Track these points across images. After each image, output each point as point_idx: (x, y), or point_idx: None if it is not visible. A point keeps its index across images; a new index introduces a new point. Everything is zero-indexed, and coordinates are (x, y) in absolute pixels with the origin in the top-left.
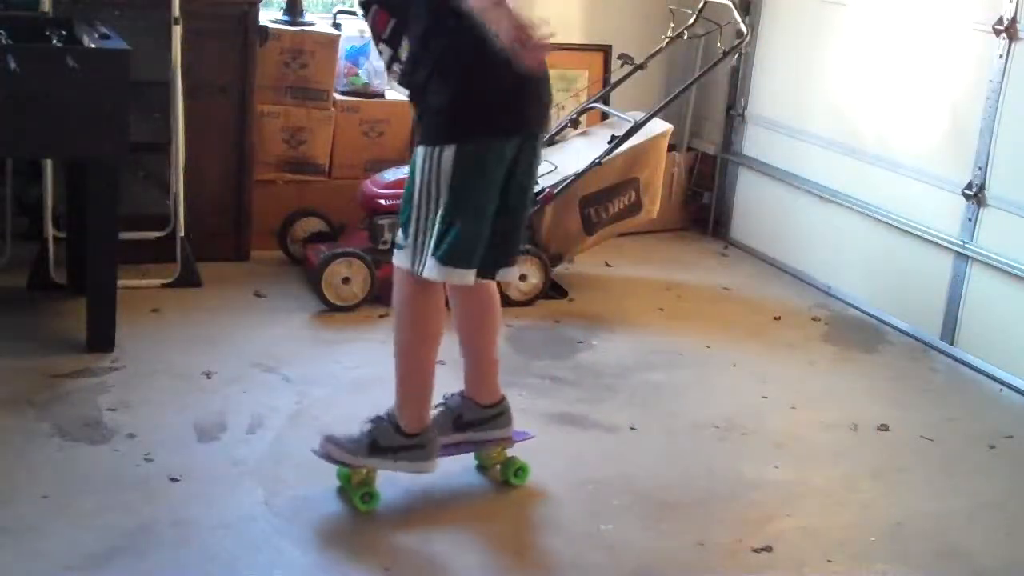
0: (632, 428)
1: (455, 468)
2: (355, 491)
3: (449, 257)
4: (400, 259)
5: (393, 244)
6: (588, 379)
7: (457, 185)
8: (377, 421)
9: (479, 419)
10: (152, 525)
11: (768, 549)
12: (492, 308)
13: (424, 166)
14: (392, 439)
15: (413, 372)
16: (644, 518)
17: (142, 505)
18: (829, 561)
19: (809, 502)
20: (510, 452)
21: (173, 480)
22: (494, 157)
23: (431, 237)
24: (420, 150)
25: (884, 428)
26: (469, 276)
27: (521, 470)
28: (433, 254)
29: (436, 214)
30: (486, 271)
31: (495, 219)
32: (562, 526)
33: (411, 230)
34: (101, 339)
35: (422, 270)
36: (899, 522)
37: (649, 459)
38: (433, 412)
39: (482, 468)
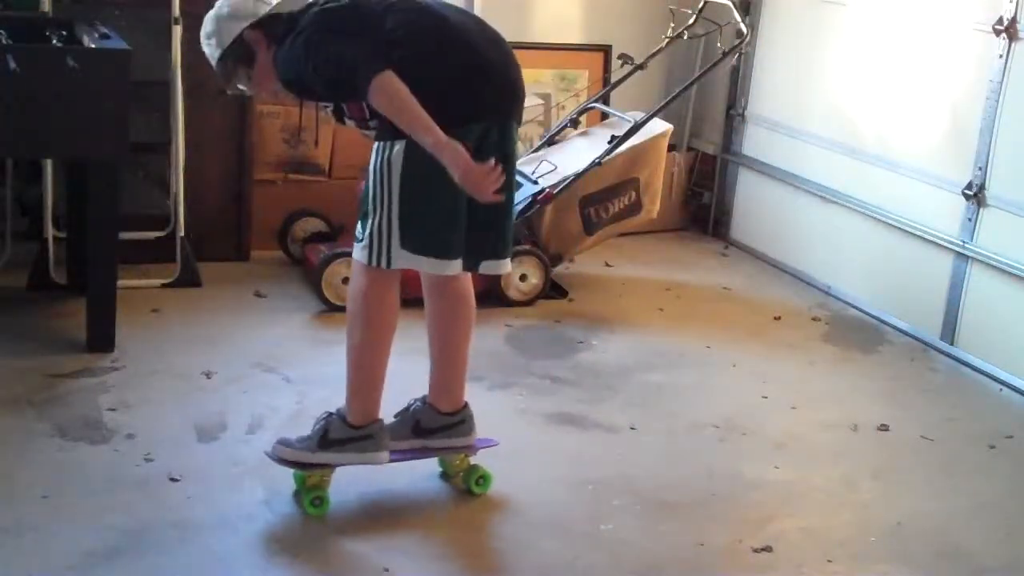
0: (632, 428)
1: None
2: (306, 494)
3: (422, 246)
4: (357, 253)
5: None
6: (588, 379)
7: (409, 179)
8: (328, 416)
9: (438, 427)
10: (152, 525)
11: (768, 549)
12: (464, 306)
13: (377, 161)
14: (342, 431)
15: (363, 365)
16: (644, 518)
17: (142, 505)
18: (829, 561)
19: (809, 502)
20: (474, 460)
21: (173, 480)
22: None
23: (392, 231)
24: (374, 146)
25: (884, 428)
26: (453, 266)
27: (483, 479)
28: (403, 246)
29: (391, 209)
30: (466, 263)
31: (470, 210)
32: (562, 526)
33: (368, 224)
34: (101, 339)
35: (385, 263)
36: (899, 522)
37: (649, 459)
38: (393, 421)
39: (445, 476)
